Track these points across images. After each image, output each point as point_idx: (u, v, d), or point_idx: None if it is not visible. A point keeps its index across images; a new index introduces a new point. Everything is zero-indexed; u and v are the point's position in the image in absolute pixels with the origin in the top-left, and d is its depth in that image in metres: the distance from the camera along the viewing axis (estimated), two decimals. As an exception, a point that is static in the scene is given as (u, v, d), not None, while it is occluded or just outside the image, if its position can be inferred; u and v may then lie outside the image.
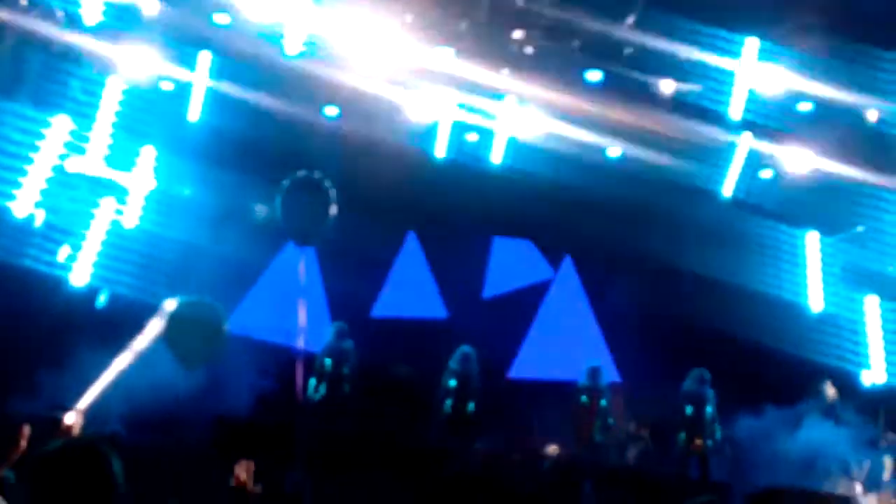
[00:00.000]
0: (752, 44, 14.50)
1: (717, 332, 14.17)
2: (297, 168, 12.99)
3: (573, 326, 15.71)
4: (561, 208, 14.70)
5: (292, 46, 14.30)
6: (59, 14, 13.51)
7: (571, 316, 15.80)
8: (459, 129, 15.14)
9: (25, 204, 13.23)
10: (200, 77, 14.42)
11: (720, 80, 14.66)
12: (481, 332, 14.48)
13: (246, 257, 13.98)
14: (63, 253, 13.46)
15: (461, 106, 14.98)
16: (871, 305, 14.71)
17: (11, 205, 13.18)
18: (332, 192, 12.31)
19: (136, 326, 12.60)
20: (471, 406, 13.70)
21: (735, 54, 14.54)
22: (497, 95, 14.96)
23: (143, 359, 12.63)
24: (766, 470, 13.12)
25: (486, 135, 15.18)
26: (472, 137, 15.28)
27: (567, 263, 15.90)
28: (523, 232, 15.90)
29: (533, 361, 15.51)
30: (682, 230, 14.61)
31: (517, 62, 14.76)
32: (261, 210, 14.53)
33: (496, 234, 16.04)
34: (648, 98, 14.62)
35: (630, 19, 14.38)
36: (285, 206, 12.26)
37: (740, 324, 14.03)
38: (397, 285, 15.77)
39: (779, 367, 14.21)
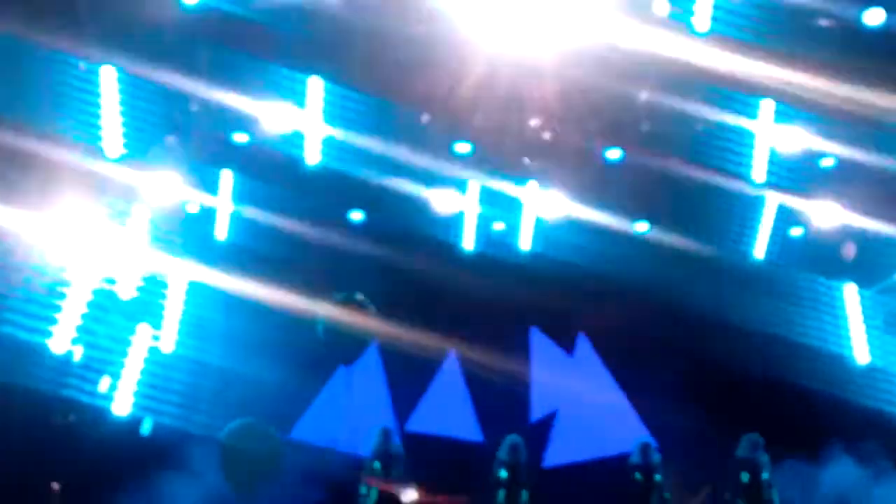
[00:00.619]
0: (768, 105, 14.57)
1: (766, 387, 14.06)
2: (330, 282, 13.25)
3: (600, 403, 15.54)
4: (593, 288, 14.70)
5: (313, 155, 14.51)
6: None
7: (596, 393, 15.64)
8: (485, 218, 15.25)
9: (63, 339, 13.33)
10: (224, 197, 14.61)
11: (740, 143, 14.72)
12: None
13: (284, 381, 14.00)
14: (104, 384, 13.54)
15: (484, 195, 15.12)
16: (917, 352, 14.58)
17: (49, 341, 13.29)
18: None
19: (180, 454, 12.71)
20: (524, 496, 13.59)
21: (752, 116, 14.63)
22: (519, 181, 15.08)
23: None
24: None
25: (513, 222, 15.24)
26: (498, 226, 15.35)
27: (582, 341, 15.76)
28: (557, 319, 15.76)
29: (565, 446, 15.27)
30: (718, 290, 14.52)
31: (536, 149, 14.90)
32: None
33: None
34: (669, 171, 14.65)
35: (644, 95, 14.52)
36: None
37: (788, 376, 13.90)
38: (434, 401, 15.62)
39: (832, 418, 14.06)
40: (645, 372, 14.85)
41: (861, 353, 14.90)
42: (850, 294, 15.08)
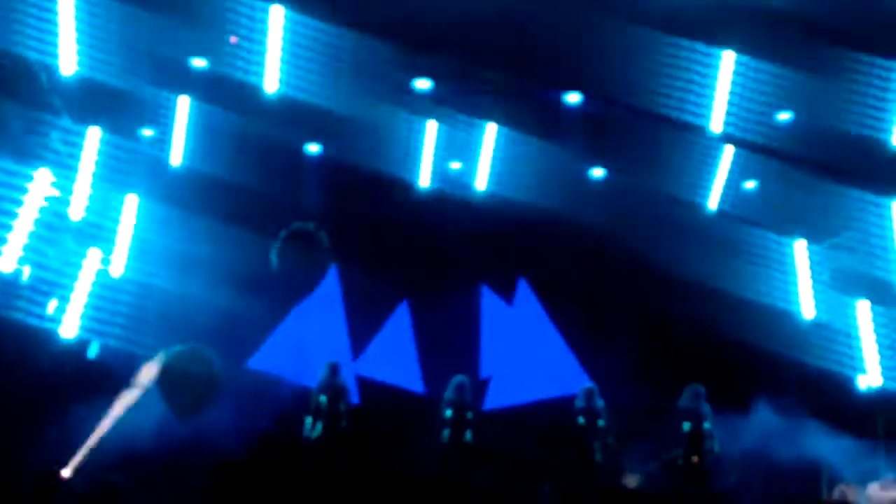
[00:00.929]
0: (728, 56, 14.56)
1: (710, 339, 14.23)
2: (282, 211, 13.19)
3: (538, 347, 15.69)
4: (547, 231, 14.76)
5: (271, 83, 14.36)
6: (38, 68, 13.53)
7: (536, 337, 15.76)
8: (442, 157, 15.23)
9: (11, 259, 13.20)
10: (180, 123, 14.46)
11: (699, 94, 14.71)
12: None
13: (230, 306, 13.95)
14: (52, 306, 13.44)
15: (442, 133, 15.09)
16: (863, 310, 14.70)
17: (-2, 262, 13.18)
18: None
19: (127, 377, 12.69)
20: (468, 435, 13.71)
21: (713, 67, 14.61)
22: (479, 121, 15.06)
23: (138, 406, 12.74)
24: (766, 482, 13.16)
25: (470, 162, 15.23)
26: (455, 165, 15.34)
27: (523, 287, 15.84)
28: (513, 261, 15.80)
29: (505, 389, 15.43)
30: (670, 240, 14.59)
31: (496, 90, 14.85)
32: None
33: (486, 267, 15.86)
34: (628, 116, 14.65)
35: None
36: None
37: (733, 331, 14.03)
38: (382, 347, 15.68)
39: (774, 372, 14.27)
40: (591, 318, 14.99)
41: (807, 308, 15.06)
42: (800, 250, 15.21)
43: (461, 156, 15.27)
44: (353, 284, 15.16)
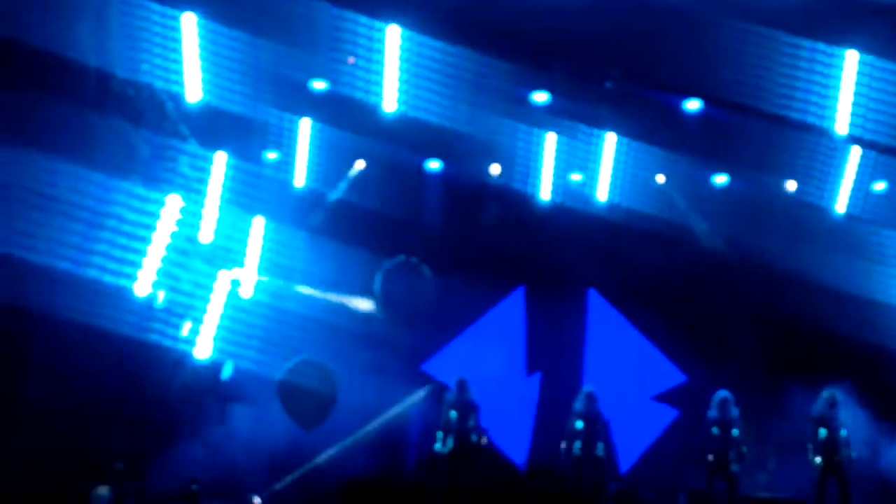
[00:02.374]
0: (852, 56, 14.28)
1: (841, 344, 13.94)
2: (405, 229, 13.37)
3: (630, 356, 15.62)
4: (670, 240, 14.66)
5: (390, 102, 14.50)
6: (164, 96, 13.87)
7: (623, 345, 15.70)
8: (562, 169, 15.20)
9: (146, 283, 13.52)
10: (303, 145, 14.69)
11: (823, 95, 14.45)
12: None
13: (358, 328, 14.11)
14: (186, 328, 13.74)
15: (562, 145, 15.07)
16: None
17: (133, 285, 13.48)
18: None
19: (260, 397, 12.89)
20: (599, 447, 13.60)
21: (836, 67, 14.35)
22: (599, 132, 15.01)
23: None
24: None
25: (591, 174, 15.18)
26: (575, 178, 15.29)
27: (594, 296, 15.73)
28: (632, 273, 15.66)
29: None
30: (797, 245, 14.36)
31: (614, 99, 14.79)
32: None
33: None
34: (750, 120, 14.46)
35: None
36: None
37: (866, 335, 13.74)
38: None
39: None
40: (721, 327, 14.78)
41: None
42: (935, 251, 14.85)
43: (581, 167, 15.21)
44: (477, 300, 15.12)
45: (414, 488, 12.72)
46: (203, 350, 13.78)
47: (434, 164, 15.34)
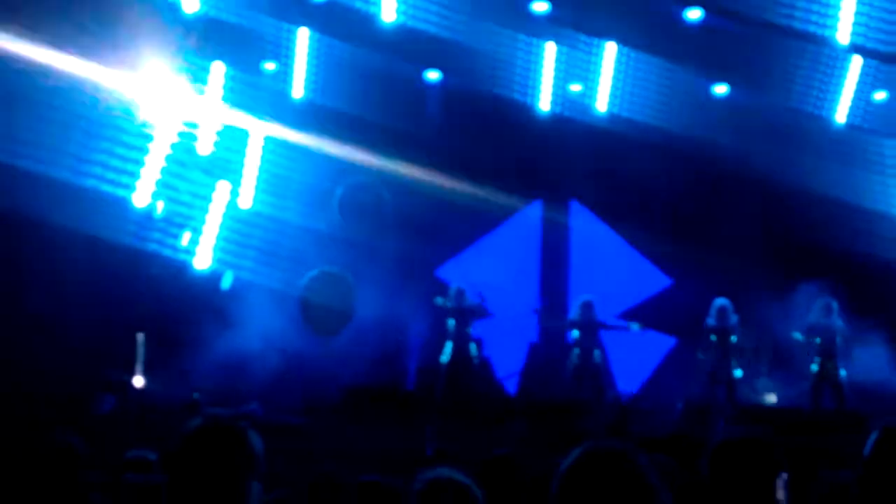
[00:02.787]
0: (853, -36, 14.14)
1: (841, 253, 13.96)
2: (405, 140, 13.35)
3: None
4: (670, 150, 14.60)
5: (388, 12, 14.41)
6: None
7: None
8: (562, 80, 15.12)
9: (144, 193, 13.55)
10: (301, 55, 14.61)
11: (824, 3, 14.31)
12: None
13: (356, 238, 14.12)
14: (185, 238, 13.79)
15: (561, 55, 14.98)
16: None
17: (132, 195, 13.51)
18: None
19: (260, 307, 12.95)
20: (597, 354, 13.70)
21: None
22: (598, 42, 14.90)
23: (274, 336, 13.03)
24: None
25: (591, 84, 15.10)
26: (575, 88, 15.21)
27: (576, 207, 15.75)
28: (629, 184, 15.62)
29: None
30: (797, 155, 14.32)
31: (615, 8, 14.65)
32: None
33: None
34: (751, 30, 14.34)
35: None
36: None
37: (865, 243, 13.74)
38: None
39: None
40: (720, 235, 14.79)
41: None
42: (933, 160, 14.80)
43: (581, 78, 15.13)
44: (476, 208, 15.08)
45: (412, 396, 12.83)
46: (202, 260, 13.84)
47: (433, 75, 15.26)
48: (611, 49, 14.90)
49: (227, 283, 13.90)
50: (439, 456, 9.29)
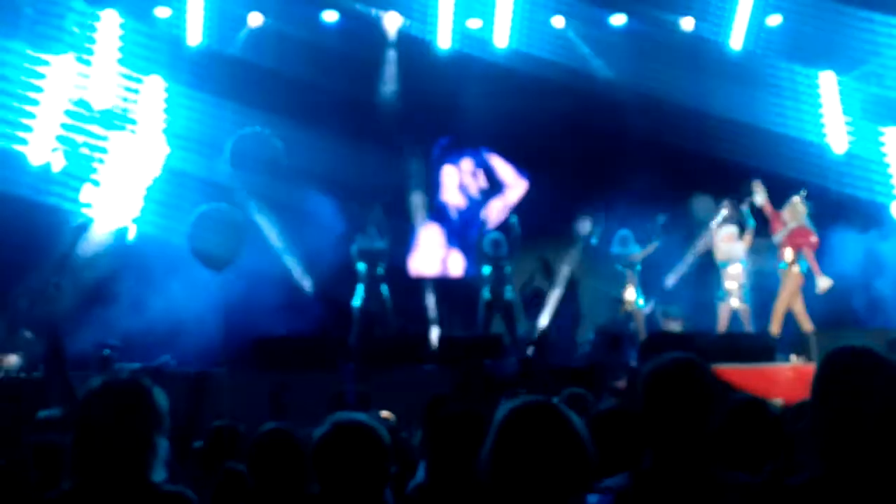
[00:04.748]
0: None
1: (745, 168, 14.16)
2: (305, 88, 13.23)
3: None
4: (570, 83, 14.64)
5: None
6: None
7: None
8: (461, 16, 15.05)
9: (41, 146, 13.23)
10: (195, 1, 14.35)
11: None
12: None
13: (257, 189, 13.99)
14: (85, 191, 13.50)
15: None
16: (894, 138, 14.58)
17: (27, 150, 13.19)
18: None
19: (165, 261, 12.76)
20: (508, 290, 13.77)
21: None
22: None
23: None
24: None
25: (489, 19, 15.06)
26: (474, 24, 15.15)
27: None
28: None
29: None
30: (696, 80, 14.45)
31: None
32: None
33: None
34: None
35: None
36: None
37: (766, 162, 13.96)
38: None
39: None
40: (625, 161, 14.91)
41: (839, 140, 14.95)
42: (828, 81, 15.04)
43: (480, 13, 15.07)
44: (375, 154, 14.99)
45: (327, 342, 12.73)
46: (103, 214, 13.58)
47: (331, 16, 15.07)
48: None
49: (129, 235, 13.66)
50: (361, 400, 9.30)
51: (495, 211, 15.30)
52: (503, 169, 15.73)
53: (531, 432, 3.35)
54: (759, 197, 13.11)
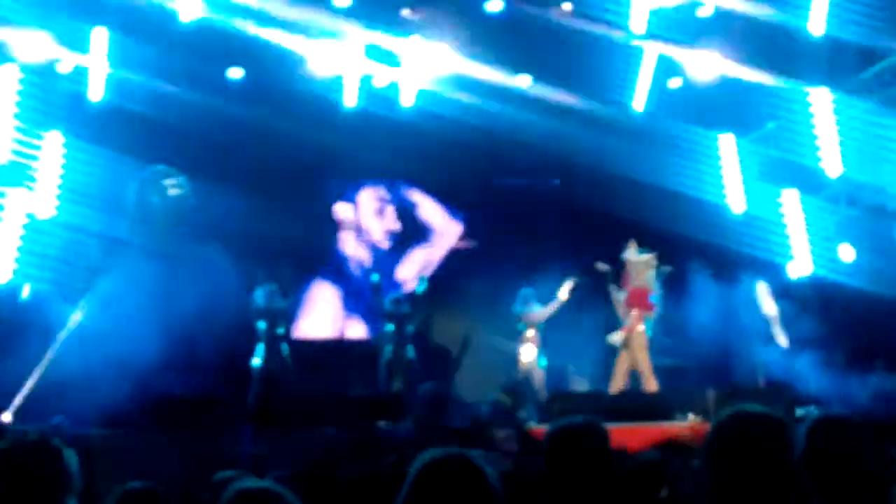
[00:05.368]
0: (644, -46, 14.48)
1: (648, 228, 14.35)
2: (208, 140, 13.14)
3: None
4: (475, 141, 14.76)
5: (188, 12, 14.12)
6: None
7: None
8: (367, 75, 15.09)
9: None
10: (97, 56, 14.19)
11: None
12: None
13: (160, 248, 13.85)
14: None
15: (367, 51, 14.94)
16: (791, 199, 14.87)
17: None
18: None
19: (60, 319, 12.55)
20: (410, 349, 13.75)
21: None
22: (402, 35, 14.92)
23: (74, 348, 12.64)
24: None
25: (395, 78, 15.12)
26: (380, 83, 15.20)
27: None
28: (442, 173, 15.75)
29: None
30: (599, 141, 14.65)
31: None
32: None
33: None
34: (550, 23, 14.58)
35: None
36: None
37: (669, 221, 14.15)
38: None
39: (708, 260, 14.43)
40: (531, 221, 15.03)
41: (737, 201, 15.21)
42: (727, 144, 15.33)
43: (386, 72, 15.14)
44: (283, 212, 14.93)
45: (225, 403, 12.57)
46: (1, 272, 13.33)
47: (236, 73, 15.04)
48: (414, 42, 14.94)
49: (26, 294, 13.40)
50: (256, 463, 9.19)
51: (418, 266, 15.32)
52: (429, 210, 15.79)
53: (446, 483, 3.33)
54: (629, 252, 13.35)
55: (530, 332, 13.71)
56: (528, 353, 13.84)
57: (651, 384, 13.04)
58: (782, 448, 3.54)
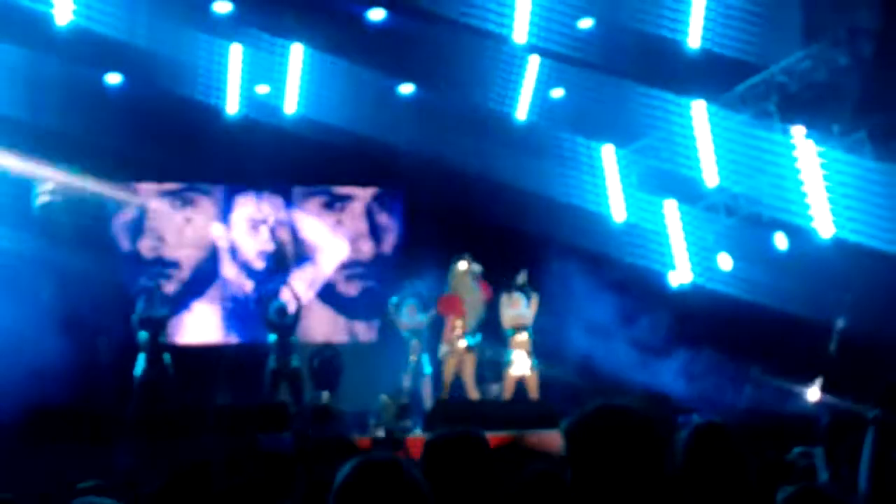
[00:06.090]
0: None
1: (527, 237, 14.42)
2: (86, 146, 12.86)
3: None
4: (361, 150, 14.70)
5: (63, 15, 13.78)
6: None
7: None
8: (249, 81, 14.93)
9: None
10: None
11: (501, 3, 14.69)
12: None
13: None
14: None
15: (247, 57, 14.78)
16: (671, 209, 15.11)
17: None
18: None
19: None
20: (295, 359, 13.62)
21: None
22: (284, 42, 14.80)
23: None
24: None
25: (278, 85, 14.99)
26: (262, 90, 15.06)
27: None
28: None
29: None
30: (482, 150, 14.73)
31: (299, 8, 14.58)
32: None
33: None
34: (431, 30, 14.59)
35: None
36: None
37: (552, 229, 14.27)
38: None
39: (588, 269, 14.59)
40: (412, 224, 15.01)
41: (619, 211, 15.42)
42: (608, 154, 15.53)
43: (268, 79, 15.00)
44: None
45: (104, 413, 12.27)
46: None
47: (114, 78, 14.73)
48: (297, 50, 14.83)
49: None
50: (129, 476, 8.98)
51: (305, 284, 15.25)
52: (313, 227, 15.69)
53: (375, 488, 3.23)
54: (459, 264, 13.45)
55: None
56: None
57: (472, 392, 13.20)
58: (648, 439, 3.50)
